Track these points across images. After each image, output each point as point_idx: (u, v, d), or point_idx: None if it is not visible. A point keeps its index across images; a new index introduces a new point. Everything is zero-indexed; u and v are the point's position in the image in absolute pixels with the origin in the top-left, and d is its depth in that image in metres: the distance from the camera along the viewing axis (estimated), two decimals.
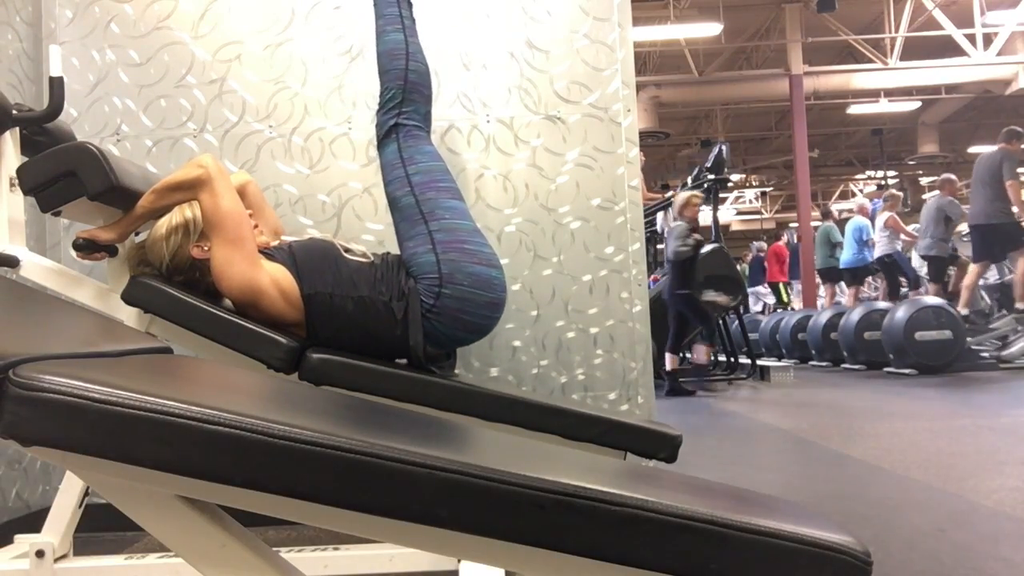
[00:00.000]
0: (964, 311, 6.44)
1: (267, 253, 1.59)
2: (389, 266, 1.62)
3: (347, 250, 1.63)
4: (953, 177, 7.21)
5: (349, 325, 1.57)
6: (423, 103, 1.76)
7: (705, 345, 5.96)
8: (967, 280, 6.62)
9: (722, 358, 7.21)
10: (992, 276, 7.37)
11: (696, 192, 6.04)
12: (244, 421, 0.63)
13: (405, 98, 1.72)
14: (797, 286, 12.01)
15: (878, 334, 6.55)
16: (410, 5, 1.84)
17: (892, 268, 8.02)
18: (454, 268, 1.56)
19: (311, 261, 1.58)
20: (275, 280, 1.54)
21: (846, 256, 8.45)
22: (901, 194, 8.66)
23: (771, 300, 12.55)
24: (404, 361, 1.63)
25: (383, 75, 1.76)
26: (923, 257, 7.18)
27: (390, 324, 1.57)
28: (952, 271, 7.26)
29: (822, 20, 11.64)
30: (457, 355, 2.25)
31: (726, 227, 21.77)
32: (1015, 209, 6.17)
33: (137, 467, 0.63)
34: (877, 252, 7.93)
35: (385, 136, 1.71)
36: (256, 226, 1.66)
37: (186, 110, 2.29)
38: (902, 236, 7.86)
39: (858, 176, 20.40)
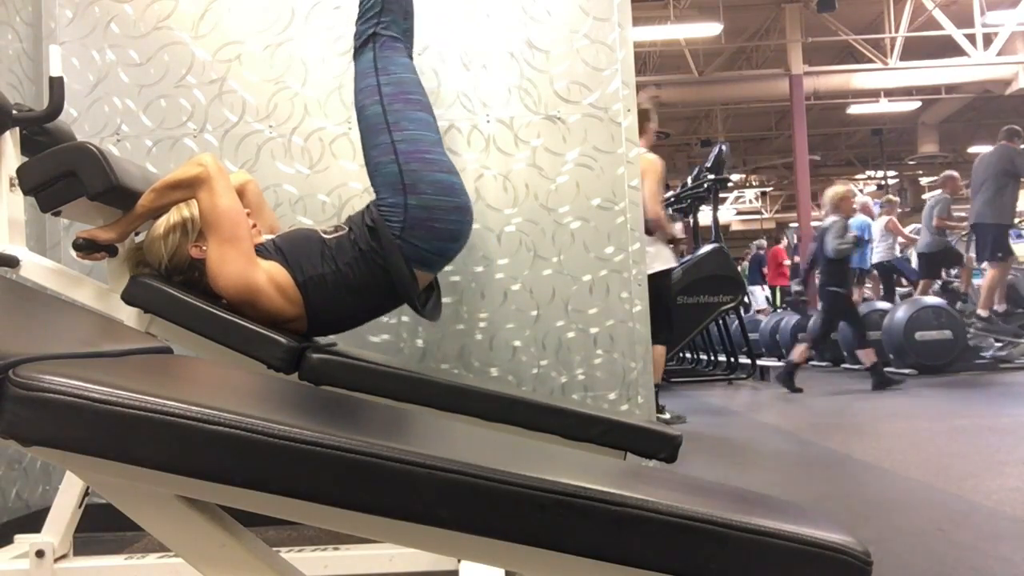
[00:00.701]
0: (983, 312, 6.25)
1: (257, 251, 1.59)
2: (355, 222, 1.63)
3: (325, 232, 1.65)
4: (955, 174, 7.14)
5: (348, 297, 1.59)
6: (402, 17, 1.75)
7: (868, 347, 5.54)
8: (987, 281, 6.34)
9: (722, 358, 7.22)
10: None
11: (850, 186, 5.91)
12: (244, 421, 0.63)
13: (384, 7, 1.71)
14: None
15: (878, 334, 6.55)
16: None
17: (890, 273, 8.03)
18: (416, 178, 1.58)
19: (297, 249, 1.60)
20: (271, 277, 1.54)
21: None
22: (898, 199, 8.62)
23: (766, 294, 12.58)
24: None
25: None
26: (921, 255, 7.13)
27: (376, 270, 1.58)
28: (959, 271, 7.21)
29: (822, 20, 11.63)
30: (456, 356, 2.26)
31: (726, 227, 21.77)
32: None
33: (137, 467, 0.63)
34: (876, 257, 7.92)
35: (362, 45, 1.71)
36: (254, 225, 1.67)
37: (186, 110, 2.29)
38: (899, 239, 7.85)
39: (858, 176, 20.39)
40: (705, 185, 6.38)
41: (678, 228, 6.49)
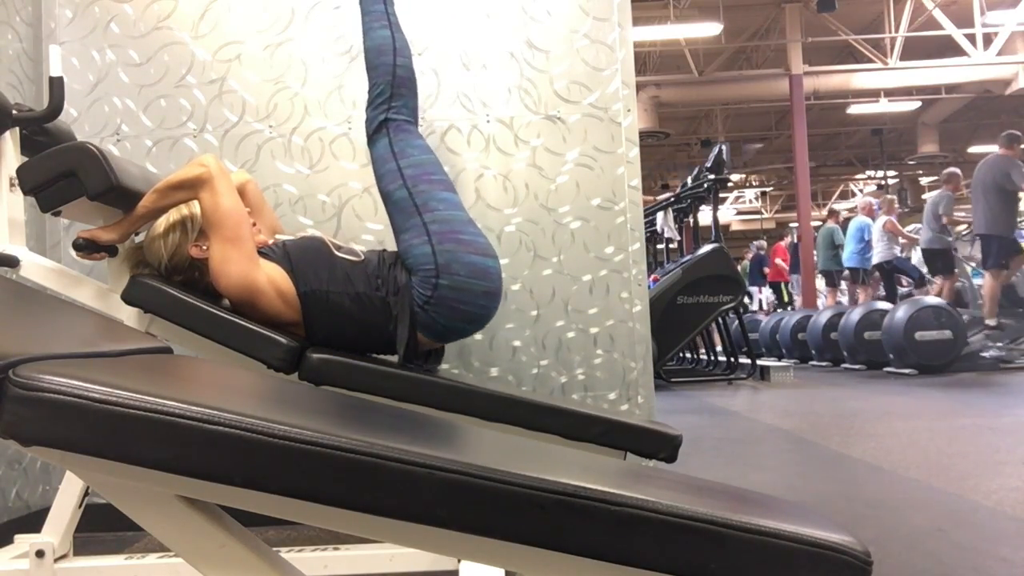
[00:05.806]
0: (991, 322, 6.24)
1: (262, 252, 1.59)
2: (383, 262, 1.62)
3: (337, 247, 1.64)
4: (957, 172, 7.10)
5: (346, 322, 1.58)
6: (411, 97, 1.77)
7: None
8: (987, 290, 6.32)
9: (722, 358, 7.22)
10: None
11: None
12: (244, 421, 0.63)
13: (394, 93, 1.73)
14: (796, 279, 12.01)
15: (878, 334, 6.55)
16: (393, 1, 1.85)
17: (891, 274, 8.03)
18: (450, 259, 1.57)
19: (306, 259, 1.59)
20: (272, 279, 1.54)
21: (848, 255, 8.46)
22: (895, 197, 8.61)
23: (763, 297, 12.58)
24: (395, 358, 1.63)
25: (371, 71, 1.77)
26: (924, 251, 7.11)
27: (387, 319, 1.58)
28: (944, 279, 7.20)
29: (822, 20, 11.63)
30: (456, 355, 2.26)
31: (726, 227, 21.77)
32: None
33: (137, 467, 0.63)
34: (876, 259, 7.91)
35: (375, 131, 1.72)
36: (255, 224, 1.67)
37: (186, 110, 2.29)
38: (900, 240, 7.84)
39: (858, 176, 20.39)
40: (705, 185, 6.39)
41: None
